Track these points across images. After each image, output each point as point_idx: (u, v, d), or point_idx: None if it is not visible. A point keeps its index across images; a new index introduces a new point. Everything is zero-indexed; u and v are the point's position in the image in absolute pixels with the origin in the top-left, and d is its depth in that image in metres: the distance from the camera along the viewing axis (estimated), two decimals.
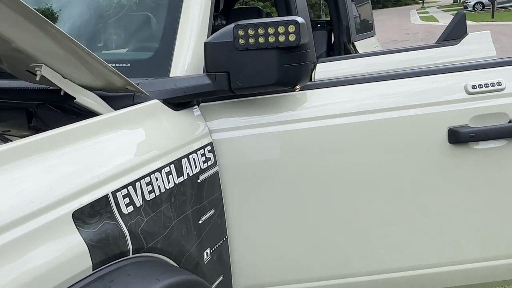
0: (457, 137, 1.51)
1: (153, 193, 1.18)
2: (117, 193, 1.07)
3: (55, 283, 0.90)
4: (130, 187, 1.11)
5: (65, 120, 1.31)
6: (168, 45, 1.51)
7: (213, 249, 1.44)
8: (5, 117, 1.44)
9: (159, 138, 1.28)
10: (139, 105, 1.28)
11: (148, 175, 1.17)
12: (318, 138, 1.52)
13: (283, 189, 1.54)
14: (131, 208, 1.10)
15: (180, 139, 1.33)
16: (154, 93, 1.34)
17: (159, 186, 1.20)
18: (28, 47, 1.08)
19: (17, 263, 0.85)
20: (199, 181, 1.36)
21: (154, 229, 1.16)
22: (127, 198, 1.10)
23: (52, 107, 1.33)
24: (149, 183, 1.17)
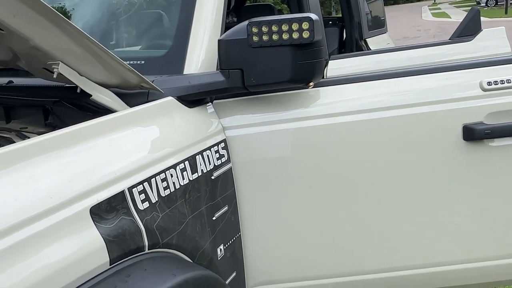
0: (472, 134, 1.50)
1: (168, 190, 1.19)
2: (133, 189, 1.08)
3: (74, 277, 0.91)
4: (145, 183, 1.12)
5: (81, 117, 1.32)
6: (181, 42, 1.52)
7: (227, 245, 1.45)
8: (22, 114, 1.46)
9: (173, 135, 1.29)
10: (154, 102, 1.29)
11: (163, 171, 1.18)
12: (331, 135, 1.52)
13: (296, 186, 1.54)
14: (146, 204, 1.11)
15: (194, 136, 1.34)
16: (168, 90, 1.35)
17: (174, 182, 1.21)
18: (45, 45, 1.10)
19: (37, 257, 0.86)
20: (213, 177, 1.37)
21: (169, 225, 1.17)
22: (143, 194, 1.11)
23: (68, 104, 1.34)
24: (164, 180, 1.18)
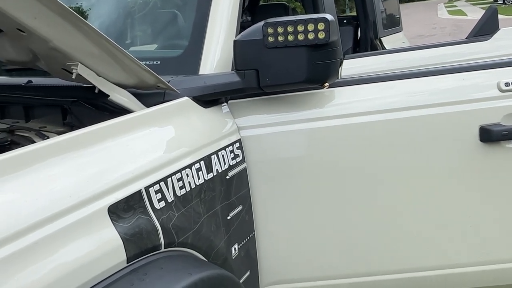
0: (489, 136, 1.48)
1: (184, 189, 1.20)
2: (150, 189, 1.10)
3: (92, 275, 0.93)
4: (162, 183, 1.14)
5: (99, 116, 1.34)
6: (197, 42, 1.53)
7: (241, 244, 1.46)
8: (41, 114, 1.49)
9: (189, 135, 1.30)
10: (170, 103, 1.30)
11: (179, 171, 1.19)
12: (346, 136, 1.52)
13: (310, 187, 1.54)
14: (163, 203, 1.13)
15: (209, 136, 1.35)
16: (184, 90, 1.37)
17: (189, 182, 1.22)
18: (64, 46, 1.12)
19: (57, 255, 0.88)
20: (227, 177, 1.38)
21: (184, 224, 1.19)
22: (159, 193, 1.12)
23: (86, 104, 1.37)
24: (180, 179, 1.19)
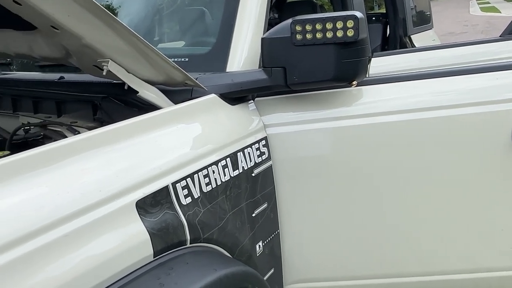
0: None
1: (210, 186, 1.21)
2: (177, 185, 1.11)
3: (120, 268, 0.95)
4: (188, 179, 1.15)
5: (128, 112, 1.36)
6: (225, 39, 1.53)
7: (265, 242, 1.46)
8: (72, 109, 1.53)
9: (216, 132, 1.31)
10: (198, 100, 1.31)
11: (205, 167, 1.20)
12: (373, 135, 1.50)
13: (335, 185, 1.53)
14: (189, 199, 1.14)
15: (236, 133, 1.36)
16: (211, 87, 1.38)
17: (215, 178, 1.23)
18: (96, 43, 1.14)
19: (86, 248, 0.90)
20: (253, 175, 1.38)
21: (210, 220, 1.20)
22: (186, 189, 1.14)
23: (115, 100, 1.39)
24: (206, 176, 1.20)
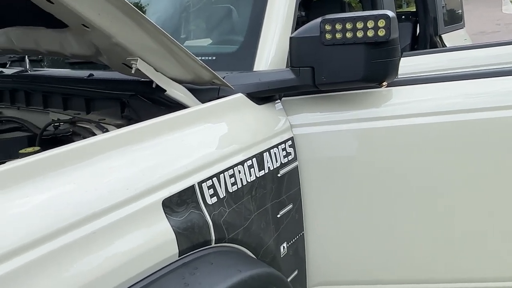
0: None
1: (236, 186, 1.20)
2: (203, 184, 1.11)
3: (145, 266, 0.95)
4: (214, 179, 1.14)
5: (155, 110, 1.37)
6: (252, 38, 1.52)
7: (290, 243, 1.45)
8: (101, 106, 1.54)
9: (242, 131, 1.30)
10: (225, 99, 1.31)
11: (231, 167, 1.20)
12: (402, 137, 1.47)
13: (363, 188, 1.50)
14: (215, 199, 1.14)
15: (262, 133, 1.34)
16: (238, 87, 1.37)
17: (241, 178, 1.22)
18: (125, 42, 1.15)
19: (113, 245, 0.90)
20: (279, 175, 1.36)
21: (235, 220, 1.19)
22: (212, 189, 1.13)
23: (143, 98, 1.40)
24: (232, 176, 1.20)
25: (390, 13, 1.27)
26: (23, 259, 0.77)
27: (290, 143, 1.42)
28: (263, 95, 1.41)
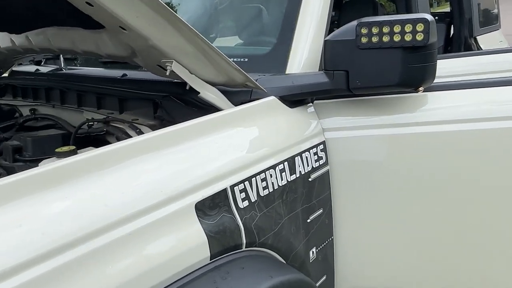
0: None
1: (267, 190, 1.20)
2: (235, 188, 1.11)
3: (177, 269, 0.95)
4: (246, 182, 1.14)
5: (187, 112, 1.38)
6: (286, 40, 1.51)
7: (319, 248, 1.43)
8: (133, 106, 1.56)
9: (275, 135, 1.29)
10: (258, 102, 1.30)
11: (263, 171, 1.19)
12: (437, 143, 1.43)
13: (394, 195, 1.47)
14: (246, 202, 1.13)
15: (294, 137, 1.33)
16: (271, 89, 1.36)
17: (272, 183, 1.22)
18: (161, 44, 1.15)
19: (147, 247, 0.91)
20: (310, 179, 1.35)
21: (266, 224, 1.18)
22: (244, 193, 1.13)
23: (176, 99, 1.40)
24: (264, 179, 1.19)
25: (429, 17, 1.24)
26: (56, 261, 0.77)
27: (321, 147, 1.41)
28: (295, 98, 1.39)
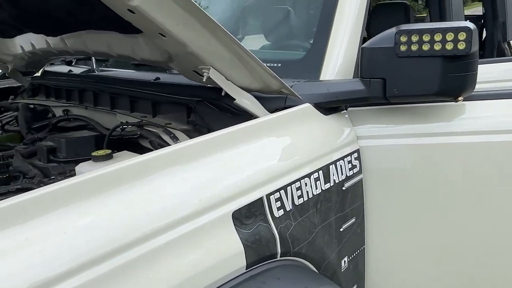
0: None
1: (302, 198, 1.19)
2: (271, 196, 1.10)
3: (214, 279, 0.95)
4: (282, 191, 1.13)
5: (220, 117, 1.37)
6: (320, 45, 1.49)
7: (351, 257, 1.42)
8: (166, 110, 1.56)
9: (310, 143, 1.28)
10: (293, 109, 1.29)
11: (298, 180, 1.18)
12: (475, 154, 1.40)
13: (428, 205, 1.45)
14: (281, 211, 1.12)
15: (329, 145, 1.32)
16: (306, 96, 1.34)
17: (307, 191, 1.20)
18: (200, 51, 1.15)
19: (184, 257, 0.90)
20: (343, 188, 1.33)
21: (300, 234, 1.17)
22: (279, 201, 1.12)
23: (209, 105, 1.40)
24: (299, 188, 1.18)
25: (471, 25, 1.21)
26: (97, 271, 0.78)
27: (356, 155, 1.39)
28: (330, 106, 1.38)
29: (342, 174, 1.33)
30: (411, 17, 2.53)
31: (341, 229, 1.35)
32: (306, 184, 1.20)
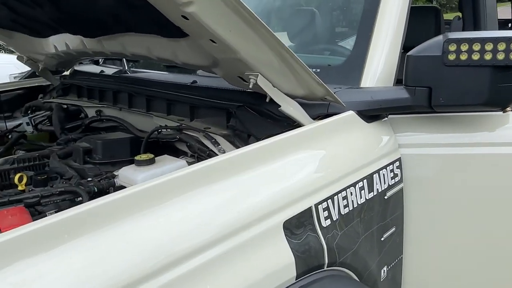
0: None
1: (347, 208, 1.18)
2: (319, 206, 1.09)
3: None
4: (329, 201, 1.12)
5: (262, 123, 1.36)
6: (361, 51, 1.47)
7: (390, 267, 1.40)
8: (204, 114, 1.55)
9: (354, 151, 1.27)
10: (338, 117, 1.27)
11: (344, 189, 1.17)
12: None
13: (470, 216, 1.43)
14: (328, 221, 1.11)
15: (372, 153, 1.30)
16: (349, 103, 1.32)
17: (352, 201, 1.19)
18: (249, 58, 1.14)
19: (239, 267, 0.90)
20: (386, 197, 1.32)
21: (345, 243, 1.16)
22: (326, 211, 1.11)
23: (250, 110, 1.39)
24: (345, 198, 1.17)
25: None
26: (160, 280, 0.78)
27: (397, 164, 1.37)
28: (373, 113, 1.36)
29: (384, 183, 1.32)
30: (441, 21, 2.50)
31: (382, 238, 1.33)
32: (351, 193, 1.19)
